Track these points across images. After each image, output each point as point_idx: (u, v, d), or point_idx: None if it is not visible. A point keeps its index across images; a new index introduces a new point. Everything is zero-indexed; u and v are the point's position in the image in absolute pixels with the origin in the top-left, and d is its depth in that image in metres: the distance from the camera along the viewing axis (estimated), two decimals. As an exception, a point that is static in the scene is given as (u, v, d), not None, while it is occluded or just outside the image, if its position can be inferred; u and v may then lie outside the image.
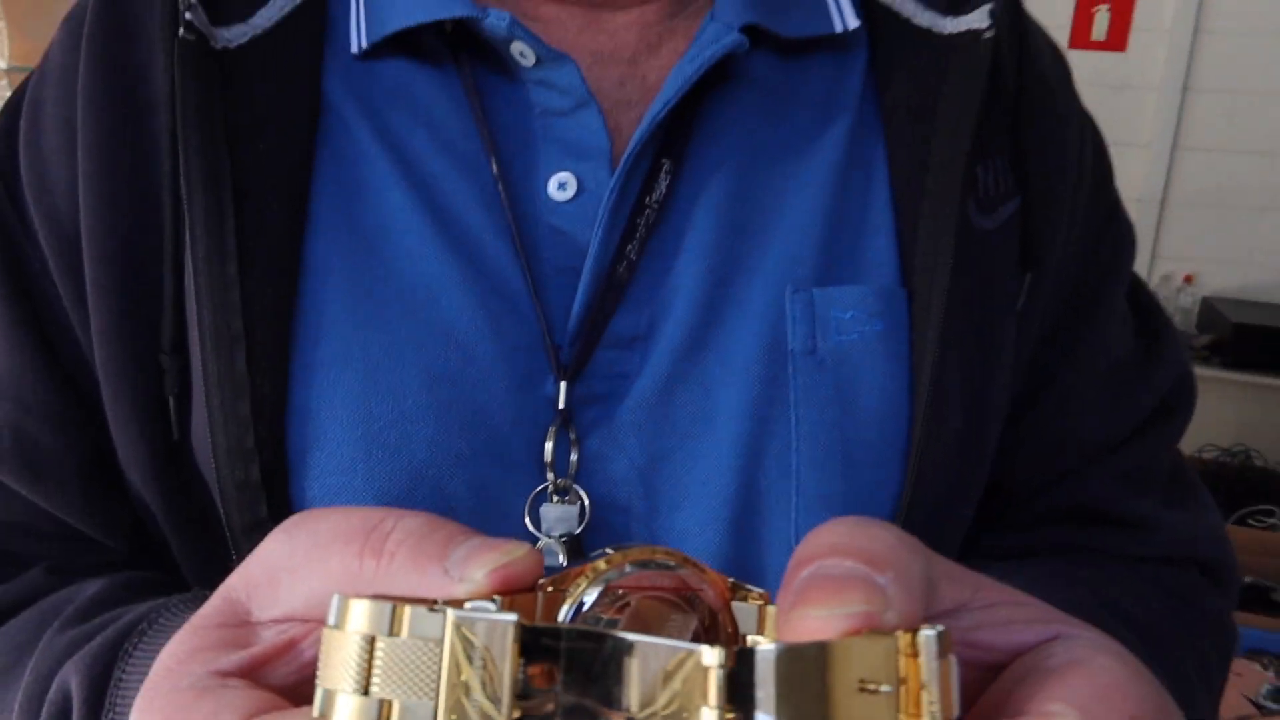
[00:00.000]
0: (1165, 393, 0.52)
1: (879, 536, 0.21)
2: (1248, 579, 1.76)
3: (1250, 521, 1.87)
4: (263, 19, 0.43)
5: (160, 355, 0.42)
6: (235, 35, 0.42)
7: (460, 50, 0.44)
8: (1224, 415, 2.51)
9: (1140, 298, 0.55)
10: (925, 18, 0.46)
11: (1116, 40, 2.83)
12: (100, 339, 0.42)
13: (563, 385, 0.42)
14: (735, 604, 0.24)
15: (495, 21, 0.41)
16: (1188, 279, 2.89)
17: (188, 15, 0.40)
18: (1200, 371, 2.55)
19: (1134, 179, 2.86)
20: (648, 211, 0.43)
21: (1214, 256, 2.87)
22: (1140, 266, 2.33)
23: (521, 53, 0.42)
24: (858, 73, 0.47)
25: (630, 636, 0.19)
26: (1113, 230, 0.52)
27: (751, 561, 0.42)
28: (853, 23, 0.46)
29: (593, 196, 0.43)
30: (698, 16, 0.45)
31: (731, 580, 0.24)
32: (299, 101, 0.43)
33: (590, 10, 0.45)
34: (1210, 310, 2.75)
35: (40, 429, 0.44)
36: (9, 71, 2.74)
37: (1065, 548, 0.50)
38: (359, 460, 0.40)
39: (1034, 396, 0.50)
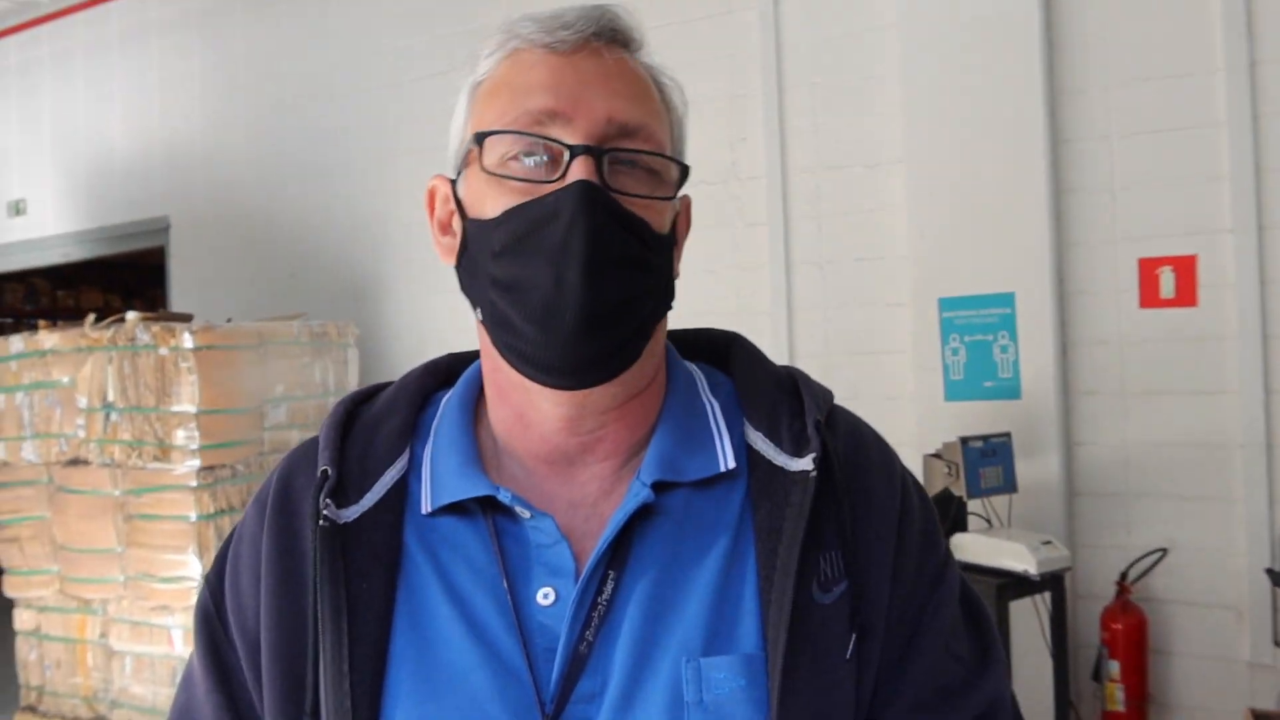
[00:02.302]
0: (981, 712, 0.69)
1: None
2: None
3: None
4: (369, 499, 0.70)
5: (303, 717, 0.66)
6: (350, 513, 0.69)
7: (488, 508, 0.69)
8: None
9: (977, 624, 0.72)
10: (781, 459, 0.69)
11: (1186, 297, 2.96)
12: (269, 706, 0.68)
13: None
14: None
15: (504, 495, 0.68)
16: (1313, 522, 2.81)
17: (325, 511, 0.67)
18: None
19: (1231, 425, 2.88)
20: (599, 608, 0.66)
21: (1336, 496, 2.81)
22: (1258, 516, 2.36)
23: (520, 510, 0.68)
24: (739, 496, 0.70)
25: None
26: (936, 591, 0.70)
27: None
28: (733, 464, 0.70)
29: (564, 601, 0.66)
30: (636, 468, 0.70)
31: None
32: (389, 551, 0.69)
33: (568, 469, 0.70)
34: (1344, 553, 2.66)
35: None
36: (199, 415, 3.24)
37: None
38: None
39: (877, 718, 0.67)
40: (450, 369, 0.81)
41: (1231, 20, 2.83)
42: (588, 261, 0.62)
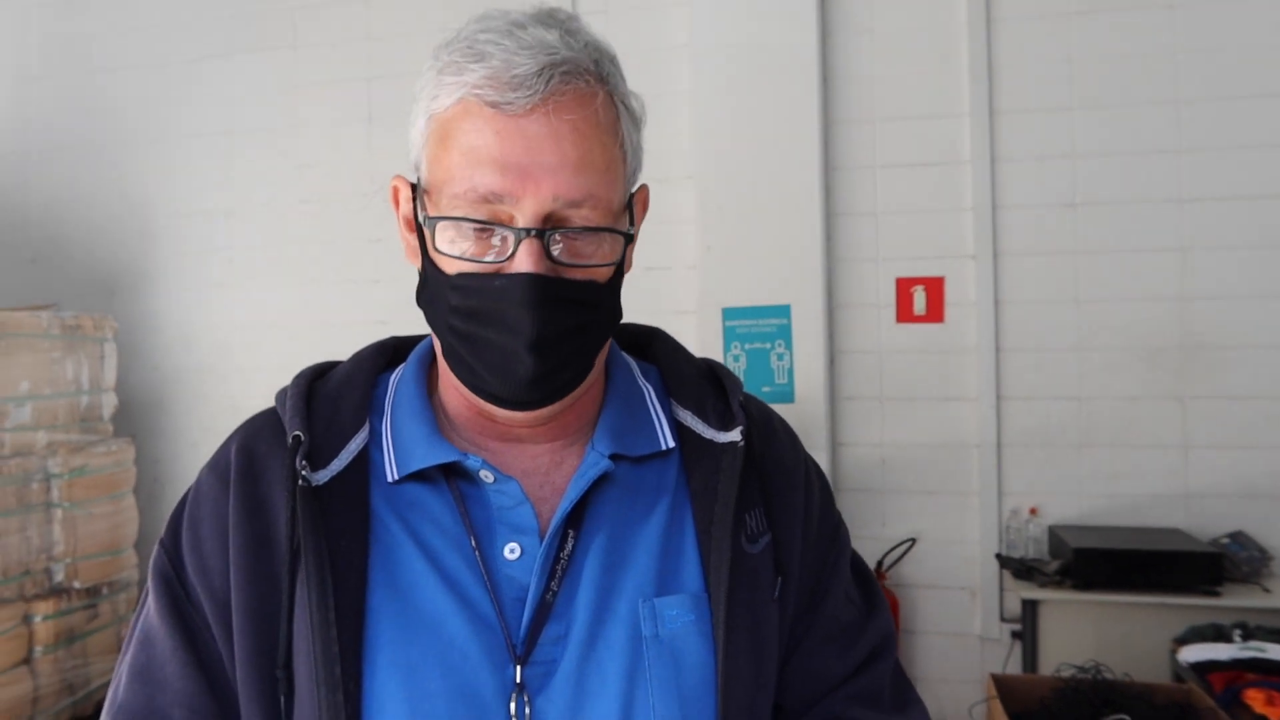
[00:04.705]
0: (875, 644, 0.83)
1: None
2: (1113, 786, 1.94)
3: (1106, 732, 2.07)
4: (337, 464, 0.74)
5: (276, 670, 0.69)
6: (322, 476, 0.73)
7: (450, 474, 0.75)
8: (1078, 634, 2.77)
9: (863, 578, 0.83)
10: (709, 433, 0.79)
11: (935, 314, 3.33)
12: (241, 664, 0.70)
13: (519, 669, 0.70)
14: None
15: (473, 462, 0.74)
16: (1033, 511, 3.24)
17: (304, 473, 0.71)
18: (1053, 595, 2.83)
19: (970, 428, 3.28)
20: (562, 562, 0.73)
21: (1052, 490, 3.25)
22: (989, 507, 2.70)
23: (485, 475, 0.74)
24: (674, 467, 0.79)
25: None
26: (835, 545, 0.84)
27: None
28: (672, 443, 0.79)
29: (530, 556, 0.73)
30: (582, 444, 0.78)
31: None
32: (359, 514, 0.72)
33: (519, 445, 0.77)
34: (1055, 538, 3.08)
35: None
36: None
37: None
38: None
39: (793, 653, 0.80)
40: (396, 350, 0.86)
41: (976, 72, 3.22)
42: (536, 341, 0.68)
